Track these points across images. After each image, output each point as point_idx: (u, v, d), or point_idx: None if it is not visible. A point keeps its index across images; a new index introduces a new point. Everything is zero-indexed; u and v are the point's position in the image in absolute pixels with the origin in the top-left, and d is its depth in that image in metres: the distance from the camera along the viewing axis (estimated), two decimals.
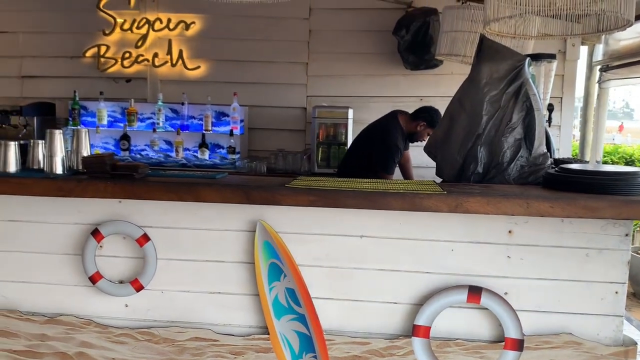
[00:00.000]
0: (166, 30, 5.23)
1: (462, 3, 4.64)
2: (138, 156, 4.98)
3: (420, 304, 2.32)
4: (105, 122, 5.09)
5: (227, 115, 5.10)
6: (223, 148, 5.11)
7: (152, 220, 2.43)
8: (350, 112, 4.83)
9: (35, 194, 2.38)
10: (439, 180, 2.87)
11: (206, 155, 5.02)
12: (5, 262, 2.51)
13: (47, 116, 5.11)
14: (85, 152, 2.59)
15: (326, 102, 5.03)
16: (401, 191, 2.22)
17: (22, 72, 5.44)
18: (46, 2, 5.32)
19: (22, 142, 2.74)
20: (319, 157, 4.83)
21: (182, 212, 2.42)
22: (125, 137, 5.01)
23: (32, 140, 2.59)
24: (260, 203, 2.30)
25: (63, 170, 2.47)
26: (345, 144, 4.75)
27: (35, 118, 4.94)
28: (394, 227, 2.33)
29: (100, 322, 2.47)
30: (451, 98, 2.93)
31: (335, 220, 2.35)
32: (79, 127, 5.02)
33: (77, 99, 5.08)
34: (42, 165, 2.53)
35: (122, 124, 5.10)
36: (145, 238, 2.40)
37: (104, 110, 5.09)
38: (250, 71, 5.26)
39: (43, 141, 2.56)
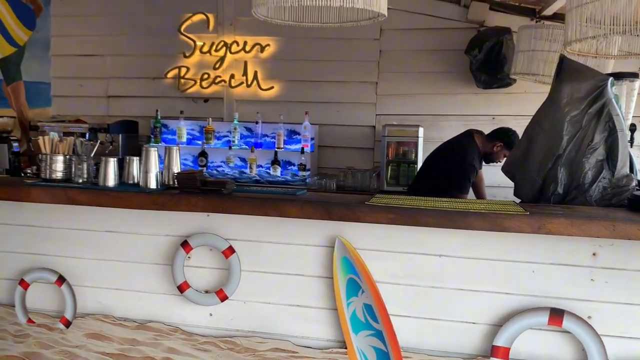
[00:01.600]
0: (242, 52, 5.46)
1: (537, 22, 4.60)
2: (214, 172, 5.20)
3: (500, 324, 2.31)
4: (184, 139, 5.36)
5: (299, 134, 5.25)
6: (294, 165, 5.25)
7: (237, 234, 2.56)
8: (421, 131, 4.85)
9: (132, 207, 2.56)
10: (515, 200, 2.85)
11: (278, 172, 5.18)
12: (102, 270, 2.70)
13: (130, 133, 5.43)
14: (176, 168, 2.77)
15: (396, 121, 5.08)
16: (482, 211, 2.23)
17: (108, 93, 5.83)
18: (131, 27, 5.69)
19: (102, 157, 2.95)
20: (389, 175, 4.87)
21: (265, 227, 2.53)
22: (203, 154, 5.25)
23: (127, 157, 2.79)
24: (340, 219, 2.38)
25: (157, 185, 2.64)
26: (416, 162, 4.77)
27: (120, 135, 5.26)
28: (473, 247, 2.34)
29: (186, 329, 2.61)
30: (524, 117, 2.92)
31: (413, 239, 2.39)
32: (161, 144, 5.32)
33: (159, 117, 5.38)
34: (136, 180, 2.73)
35: (200, 142, 5.35)
36: (231, 250, 2.53)
37: (184, 129, 5.36)
38: (321, 91, 5.40)
39: (138, 158, 2.77)
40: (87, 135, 5.05)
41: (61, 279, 2.69)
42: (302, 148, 5.13)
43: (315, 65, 5.38)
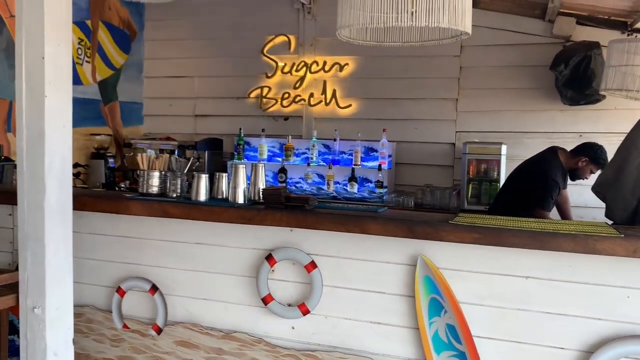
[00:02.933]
0: (322, 72, 5.59)
1: (628, 35, 4.39)
2: (293, 188, 5.33)
3: (590, 351, 2.21)
4: (265, 156, 5.55)
5: (376, 151, 5.28)
6: (371, 182, 5.28)
7: (319, 249, 2.61)
8: (504, 148, 4.74)
9: (221, 220, 2.69)
10: (607, 221, 2.72)
11: (355, 188, 5.22)
12: (191, 280, 2.84)
13: (215, 150, 5.68)
14: (261, 184, 2.88)
15: (477, 138, 5.00)
16: (572, 232, 2.16)
17: (196, 112, 6.14)
18: (218, 50, 5.98)
19: (195, 173, 3.10)
20: (469, 193, 4.79)
21: (346, 243, 2.57)
22: (282, 170, 5.40)
23: (217, 173, 2.93)
24: (423, 238, 2.38)
25: (244, 200, 2.76)
26: (498, 180, 4.66)
27: (206, 152, 5.51)
28: (562, 269, 2.26)
29: (269, 341, 2.69)
30: (615, 134, 2.80)
31: (499, 259, 2.34)
32: (243, 160, 5.53)
33: (242, 135, 5.60)
34: (225, 195, 2.86)
35: (280, 158, 5.51)
36: (313, 265, 2.59)
37: (265, 146, 5.55)
38: (399, 108, 5.42)
39: (227, 174, 2.90)
40: (176, 152, 5.34)
41: (154, 288, 2.86)
42: (380, 165, 5.16)
43: (394, 82, 5.41)
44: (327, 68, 5.58)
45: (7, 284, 2.57)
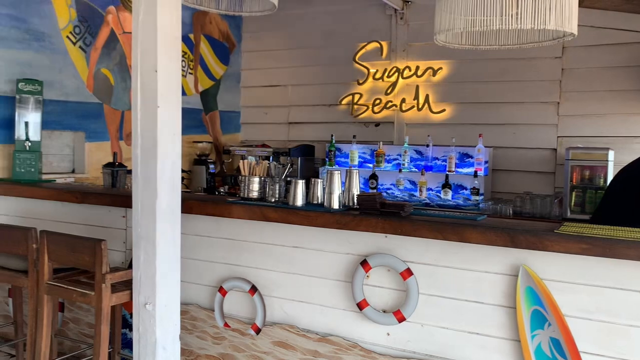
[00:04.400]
0: (414, 77, 5.55)
1: None
2: (384, 194, 5.32)
3: None
4: (356, 162, 5.58)
5: (471, 157, 5.15)
6: (466, 189, 5.15)
7: (415, 256, 2.59)
8: (611, 154, 4.45)
9: (317, 225, 2.75)
10: None
11: (449, 195, 5.12)
12: (289, 282, 2.92)
13: (308, 157, 5.81)
14: (355, 190, 2.91)
15: (580, 143, 4.72)
16: None
17: (289, 119, 6.31)
18: (311, 59, 6.12)
19: (288, 179, 3.18)
20: (572, 201, 4.53)
21: (443, 251, 2.54)
22: (373, 176, 5.41)
23: (313, 179, 3.00)
24: (525, 247, 2.30)
25: (339, 206, 2.81)
26: (604, 188, 4.37)
27: (299, 158, 5.65)
28: None
29: (364, 346, 2.70)
30: None
31: (609, 272, 2.20)
32: (335, 166, 5.60)
33: (334, 141, 5.68)
34: (321, 201, 2.92)
35: (370, 165, 5.52)
36: (409, 272, 2.58)
37: (356, 152, 5.59)
38: (496, 112, 5.25)
39: (322, 180, 2.97)
40: (270, 159, 5.52)
41: (253, 289, 2.97)
42: (475, 171, 5.02)
43: (490, 86, 5.26)
44: (419, 73, 5.53)
45: (122, 280, 2.78)
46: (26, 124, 3.98)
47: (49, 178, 4.18)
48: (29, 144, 3.98)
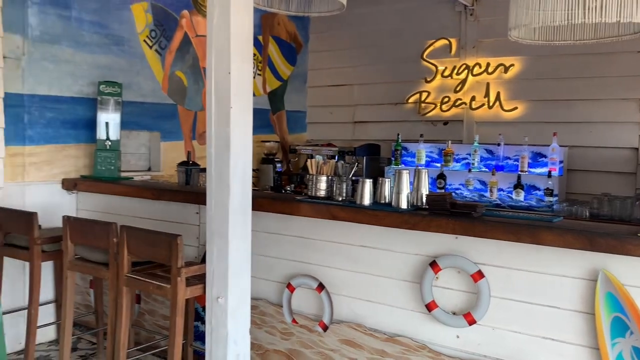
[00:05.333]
0: (485, 74, 5.41)
1: None
2: (453, 194, 5.21)
3: None
4: (423, 162, 5.51)
5: (545, 156, 4.95)
6: (539, 190, 4.96)
7: (487, 258, 2.53)
8: None
9: (385, 225, 2.74)
10: None
11: (521, 196, 4.95)
12: (356, 281, 2.93)
13: (373, 156, 5.79)
14: (424, 190, 2.88)
15: None
16: None
17: (355, 118, 6.31)
18: (377, 57, 6.09)
19: (353, 178, 3.18)
20: None
21: (516, 253, 2.46)
22: (441, 176, 5.31)
23: (380, 178, 2.99)
24: (605, 251, 2.20)
25: (407, 206, 2.79)
26: None
27: (364, 157, 5.64)
28: None
29: (433, 348, 2.67)
30: None
31: None
32: (401, 166, 5.56)
33: (400, 140, 5.63)
34: (388, 200, 2.91)
35: (438, 164, 5.43)
36: (480, 274, 2.52)
37: (423, 151, 5.51)
38: (572, 110, 5.02)
39: (389, 179, 2.95)
40: (336, 158, 5.54)
41: (321, 287, 3.00)
42: (549, 172, 4.82)
43: (565, 83, 5.04)
44: (490, 70, 5.38)
45: (196, 275, 2.88)
46: (107, 124, 4.20)
47: (127, 176, 4.40)
48: (109, 143, 4.20)
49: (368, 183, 2.89)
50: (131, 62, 4.63)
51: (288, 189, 5.80)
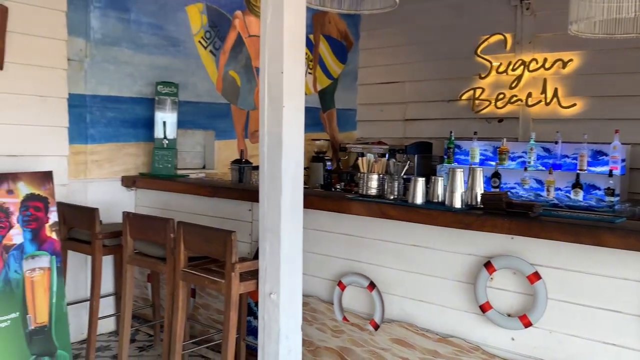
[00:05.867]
0: (542, 69, 5.24)
1: None
2: (508, 194, 5.08)
3: None
4: (477, 160, 5.40)
5: (606, 154, 4.76)
6: (599, 189, 4.77)
7: (544, 259, 2.46)
8: None
9: (438, 224, 2.71)
10: None
11: (580, 196, 4.77)
12: (407, 280, 2.91)
13: (425, 154, 5.72)
14: (479, 189, 2.82)
15: None
16: None
17: (405, 116, 6.26)
18: (429, 54, 6.01)
19: (405, 176, 3.14)
20: None
21: (575, 254, 2.38)
22: (496, 174, 5.19)
23: (433, 177, 2.96)
24: None
25: (461, 205, 2.74)
26: None
27: (415, 156, 5.57)
28: None
29: (487, 350, 2.62)
30: None
31: None
32: (453, 164, 5.47)
33: (453, 138, 5.54)
34: (441, 199, 2.87)
35: (493, 162, 5.31)
36: (536, 276, 2.45)
37: (477, 149, 5.40)
38: (635, 106, 4.79)
39: (442, 178, 2.91)
40: (386, 156, 5.50)
41: (372, 285, 2.99)
42: (610, 170, 4.63)
43: (628, 78, 4.81)
44: (547, 65, 5.21)
45: (249, 270, 2.93)
46: (164, 123, 4.34)
47: (183, 173, 4.53)
48: (167, 142, 4.34)
49: (421, 181, 2.86)
50: (187, 62, 4.76)
51: (338, 187, 5.80)
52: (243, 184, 4.08)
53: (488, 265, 2.58)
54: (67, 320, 3.39)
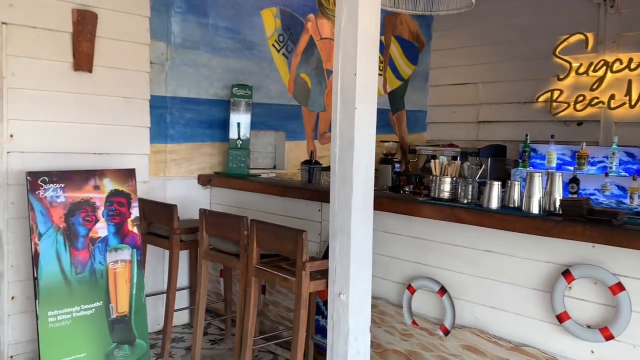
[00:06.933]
0: (626, 70, 4.96)
1: None
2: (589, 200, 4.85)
3: None
4: (554, 164, 5.19)
5: None
6: None
7: (628, 270, 2.34)
8: None
9: (514, 230, 2.63)
10: None
11: None
12: (479, 286, 2.84)
13: (498, 157, 5.55)
14: (558, 194, 2.72)
15: None
16: None
17: (478, 118, 6.11)
18: (505, 55, 5.83)
19: (478, 180, 3.07)
20: None
21: None
22: (574, 180, 4.96)
23: (509, 181, 2.87)
24: None
25: (539, 211, 2.65)
26: None
27: (488, 159, 5.43)
28: None
29: None
30: None
31: None
32: (528, 168, 5.28)
33: (528, 142, 5.35)
34: (518, 204, 2.79)
35: (571, 167, 5.08)
36: (620, 287, 2.33)
37: (554, 153, 5.19)
38: None
39: (518, 182, 2.83)
40: (458, 159, 5.39)
41: (443, 290, 2.95)
42: None
43: None
44: (633, 66, 4.92)
45: (318, 270, 2.97)
46: (238, 124, 4.47)
47: (255, 173, 4.64)
48: (240, 142, 4.47)
49: (496, 185, 2.79)
50: (260, 65, 4.87)
51: (406, 189, 5.75)
52: (313, 184, 4.14)
53: (566, 273, 2.48)
54: (145, 311, 3.57)
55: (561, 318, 2.49)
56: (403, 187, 5.86)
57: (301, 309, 2.89)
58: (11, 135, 3.50)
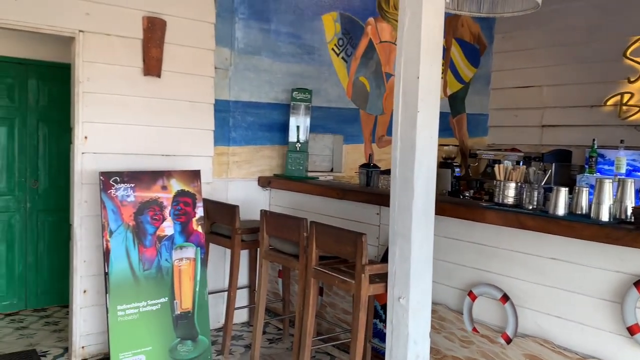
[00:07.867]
0: None
1: None
2: None
3: None
4: (623, 170, 4.96)
5: None
6: None
7: None
8: None
9: (582, 237, 2.54)
10: None
11: None
12: (544, 295, 2.76)
13: (563, 162, 5.37)
14: (629, 202, 2.61)
15: None
16: None
17: (542, 122, 5.93)
18: (571, 56, 5.63)
19: (544, 186, 2.98)
20: None
21: None
22: None
23: (577, 187, 2.78)
24: None
25: (609, 218, 2.55)
26: None
27: (553, 164, 5.26)
28: None
29: None
30: None
31: None
32: (596, 174, 5.08)
33: (595, 147, 5.14)
34: (585, 211, 2.69)
35: None
36: None
37: (623, 159, 4.96)
38: None
39: (587, 188, 2.73)
40: (520, 164, 5.25)
41: (505, 297, 2.89)
42: None
43: None
44: None
45: (377, 273, 2.97)
46: (297, 127, 4.54)
47: (313, 175, 4.70)
48: (299, 145, 4.53)
49: (563, 191, 2.71)
50: (320, 69, 4.93)
51: (467, 194, 5.65)
52: (371, 188, 4.14)
53: (639, 284, 2.37)
54: (207, 308, 3.68)
55: (633, 330, 2.39)
56: (463, 191, 5.76)
57: (360, 312, 2.90)
58: (85, 137, 3.70)
